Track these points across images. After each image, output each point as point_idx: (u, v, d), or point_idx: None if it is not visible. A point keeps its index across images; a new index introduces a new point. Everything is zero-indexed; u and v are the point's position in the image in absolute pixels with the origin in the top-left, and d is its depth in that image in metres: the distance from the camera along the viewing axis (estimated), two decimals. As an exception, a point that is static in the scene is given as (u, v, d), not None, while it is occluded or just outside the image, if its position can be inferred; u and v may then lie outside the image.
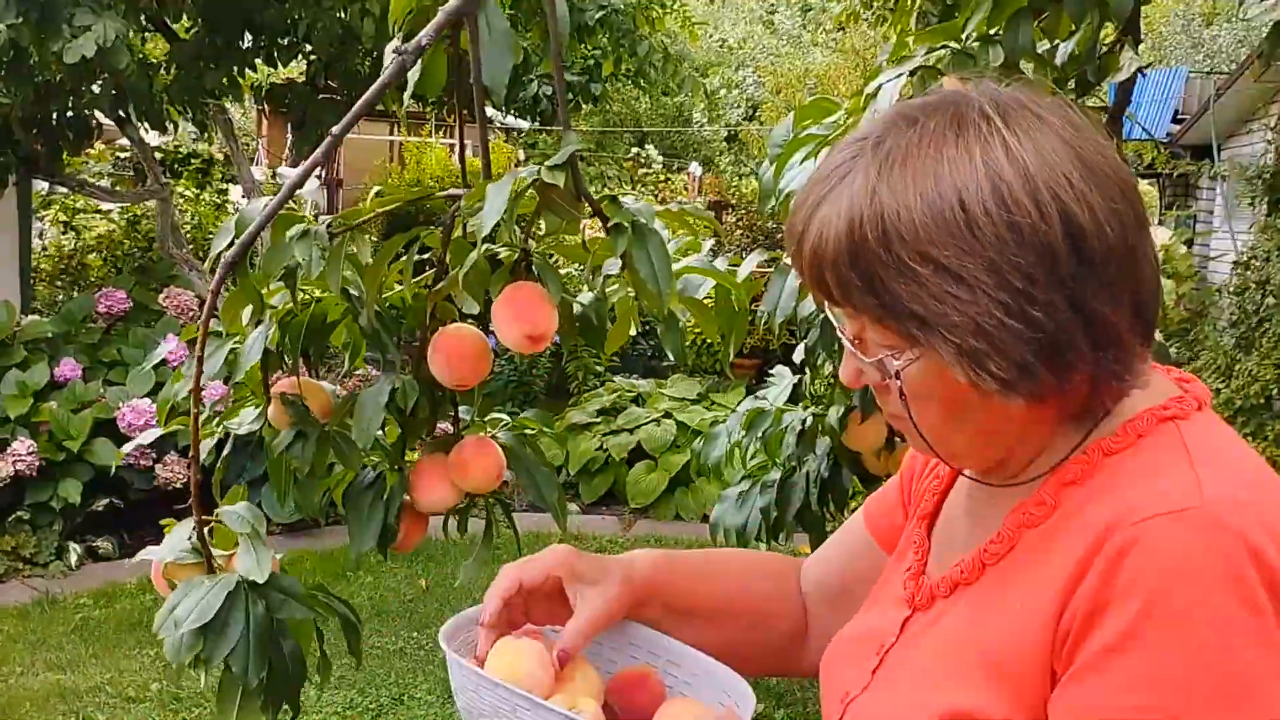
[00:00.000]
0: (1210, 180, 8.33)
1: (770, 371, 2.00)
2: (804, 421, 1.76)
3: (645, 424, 6.45)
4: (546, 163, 1.09)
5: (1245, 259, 7.01)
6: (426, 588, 5.00)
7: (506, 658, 1.04)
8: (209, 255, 1.22)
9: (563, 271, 1.32)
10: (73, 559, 5.13)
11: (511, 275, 1.18)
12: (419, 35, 1.14)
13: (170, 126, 6.10)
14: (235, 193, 8.34)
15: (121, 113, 5.67)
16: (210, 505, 1.29)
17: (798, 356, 1.75)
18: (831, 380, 1.73)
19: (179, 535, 1.24)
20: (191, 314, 6.03)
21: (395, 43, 1.17)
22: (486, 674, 1.01)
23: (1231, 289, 7.09)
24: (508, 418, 1.42)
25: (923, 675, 0.87)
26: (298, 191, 1.24)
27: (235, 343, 1.28)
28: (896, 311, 0.80)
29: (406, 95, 1.21)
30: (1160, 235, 8.25)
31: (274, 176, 8.98)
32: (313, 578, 5.03)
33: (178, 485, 5.36)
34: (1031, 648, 0.78)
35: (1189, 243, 8.57)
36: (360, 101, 1.20)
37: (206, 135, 7.38)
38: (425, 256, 1.31)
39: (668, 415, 6.61)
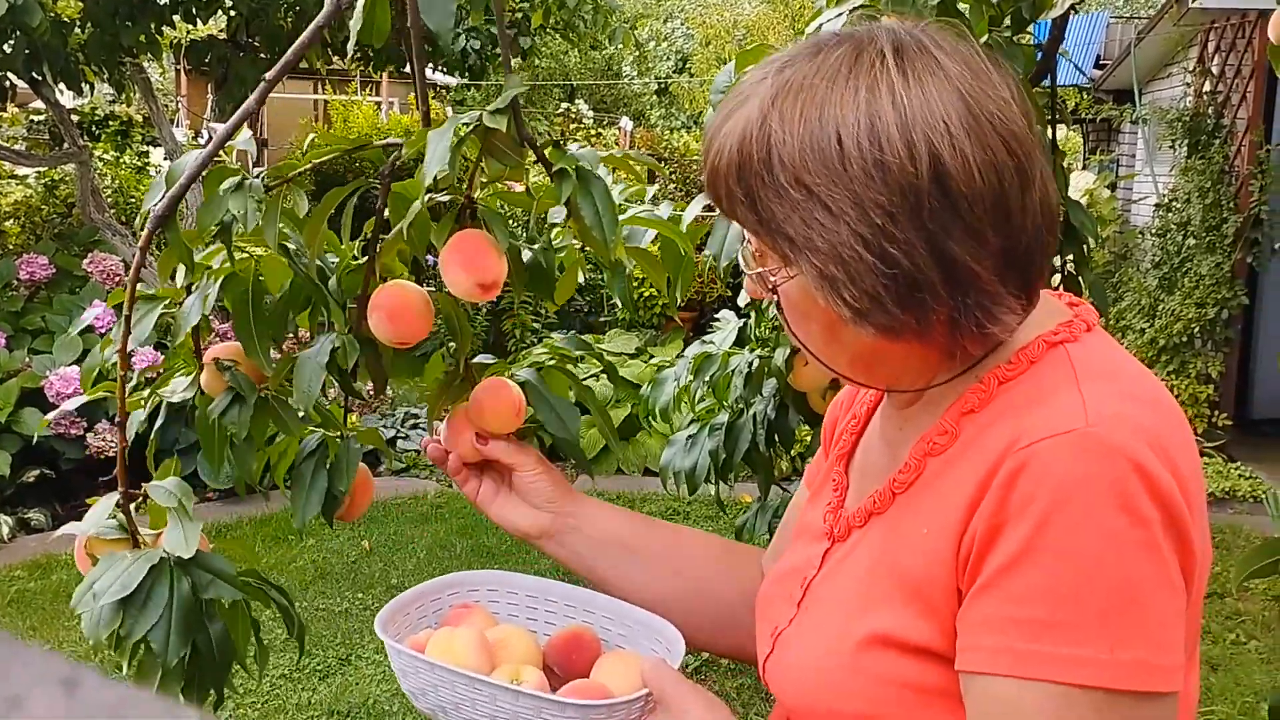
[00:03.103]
0: (1132, 124, 8.48)
1: (716, 318, 2.02)
2: (750, 364, 1.79)
3: (584, 379, 6.46)
4: (489, 107, 1.07)
5: (1166, 201, 7.17)
6: (369, 549, 4.99)
7: (444, 644, 1.07)
8: (140, 213, 1.17)
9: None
10: (4, 531, 5.03)
11: (456, 224, 1.16)
12: None
13: (87, 88, 5.92)
14: (157, 155, 8.14)
15: (35, 74, 5.49)
16: (143, 477, 1.24)
17: (743, 300, 1.76)
18: (776, 323, 1.75)
19: (103, 509, 1.19)
20: (118, 279, 5.89)
21: None
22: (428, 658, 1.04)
23: (1154, 231, 7.26)
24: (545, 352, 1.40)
25: (844, 602, 0.92)
26: (230, 144, 1.20)
27: (166, 306, 1.23)
28: (772, 230, 0.86)
29: (350, 45, 1.17)
30: (1085, 179, 8.39)
31: (196, 137, 8.77)
32: (252, 543, 4.99)
33: (110, 454, 5.27)
34: (939, 569, 0.83)
35: (1112, 186, 8.73)
36: (295, 45, 1.16)
37: (124, 96, 7.18)
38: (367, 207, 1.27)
39: (610, 370, 6.62)
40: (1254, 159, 6.46)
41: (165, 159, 7.24)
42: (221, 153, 1.22)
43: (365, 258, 1.25)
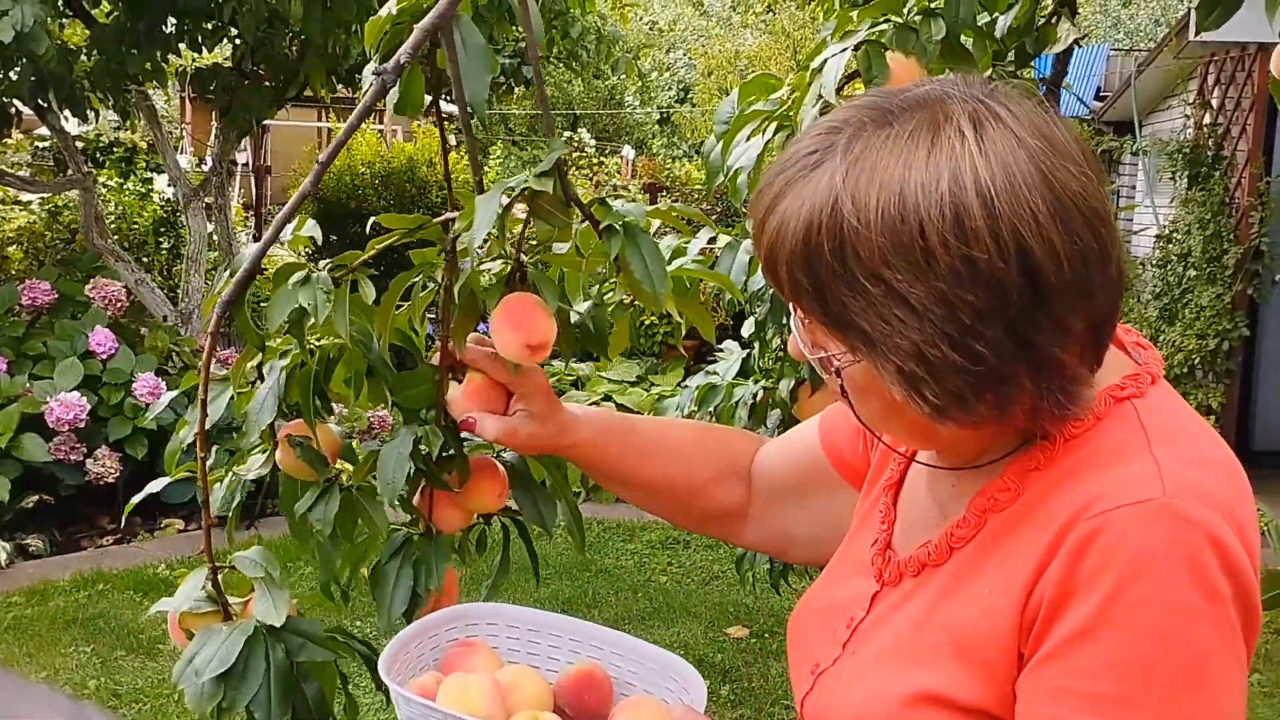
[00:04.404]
0: (1132, 156, 8.51)
1: (719, 348, 2.02)
2: (755, 395, 1.80)
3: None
4: (533, 170, 1.08)
5: (1167, 232, 7.18)
6: (367, 577, 4.96)
7: (458, 694, 1.04)
8: (206, 300, 1.21)
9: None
10: (2, 558, 5.01)
11: (506, 287, 1.18)
12: (398, 54, 1.12)
13: (92, 115, 5.94)
14: (160, 182, 8.15)
15: (41, 100, 5.51)
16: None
17: (746, 331, 1.77)
18: (780, 354, 1.75)
19: (192, 584, 1.23)
20: (120, 305, 5.90)
21: (373, 64, 1.17)
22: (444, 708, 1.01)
23: (1154, 262, 7.27)
24: None
25: (892, 654, 0.89)
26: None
27: (238, 390, 1.26)
28: (842, 323, 0.81)
29: (388, 117, 1.19)
30: (1085, 211, 8.38)
31: (200, 164, 8.80)
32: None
33: (109, 480, 5.26)
34: (999, 631, 0.80)
35: (1113, 217, 8.74)
36: (345, 126, 1.20)
37: (129, 123, 7.20)
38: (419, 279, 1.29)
39: (607, 398, 6.63)
40: (1254, 191, 6.48)
41: (169, 186, 7.27)
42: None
43: (436, 341, 1.27)
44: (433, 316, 1.26)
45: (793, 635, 1.06)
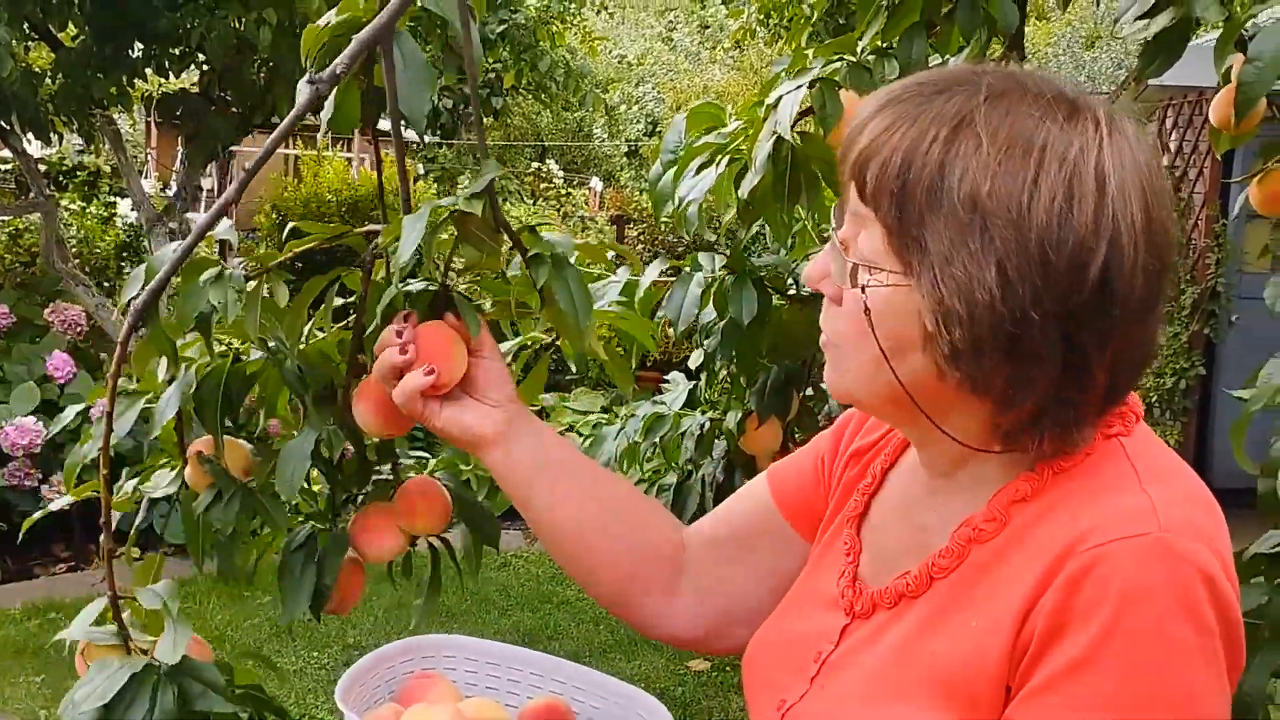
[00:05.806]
0: (1093, 196, 8.63)
1: (665, 379, 2.03)
2: (702, 426, 1.80)
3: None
4: (464, 192, 1.06)
5: (1126, 272, 7.27)
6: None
7: None
8: (119, 305, 1.16)
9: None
10: (-48, 586, 4.92)
11: (430, 311, 1.13)
12: (334, 64, 1.10)
13: (55, 138, 5.90)
14: (124, 206, 8.09)
15: (4, 123, 5.47)
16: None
17: (694, 362, 1.78)
18: (727, 386, 1.76)
19: (91, 612, 1.17)
20: (79, 329, 5.83)
21: (310, 74, 1.15)
22: None
23: (1114, 301, 7.36)
24: (428, 456, 1.40)
25: (868, 689, 0.87)
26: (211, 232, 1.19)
27: (148, 400, 1.21)
28: (910, 237, 0.79)
29: (321, 134, 1.17)
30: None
31: (164, 189, 8.74)
32: (208, 599, 4.91)
33: (65, 507, 5.17)
34: (987, 664, 0.79)
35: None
36: (274, 134, 1.17)
37: (93, 147, 7.16)
38: (348, 301, 1.26)
39: (571, 429, 6.60)
40: (1211, 233, 6.59)
41: (133, 209, 7.21)
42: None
43: (349, 347, 1.24)
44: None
45: (749, 670, 1.03)
